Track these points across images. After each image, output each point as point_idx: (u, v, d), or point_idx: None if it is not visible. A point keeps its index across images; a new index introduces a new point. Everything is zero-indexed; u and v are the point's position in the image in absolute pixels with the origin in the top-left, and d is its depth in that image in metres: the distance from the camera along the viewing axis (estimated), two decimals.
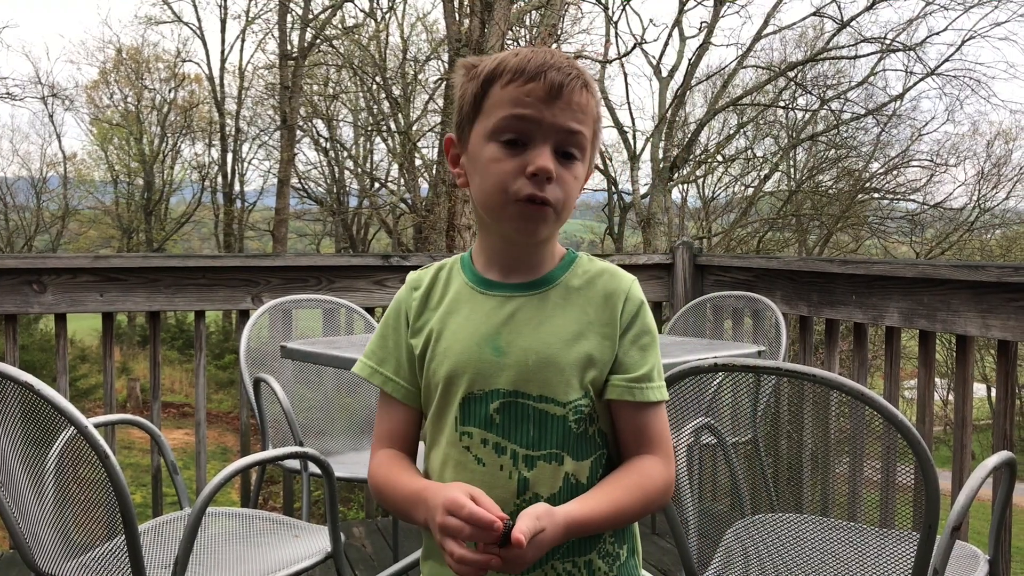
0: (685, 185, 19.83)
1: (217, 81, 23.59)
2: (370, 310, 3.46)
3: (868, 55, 17.73)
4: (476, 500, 1.05)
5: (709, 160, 18.50)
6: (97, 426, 1.69)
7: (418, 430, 1.28)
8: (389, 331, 1.28)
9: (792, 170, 20.47)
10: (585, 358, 1.18)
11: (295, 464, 2.69)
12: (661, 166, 15.84)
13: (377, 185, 20.70)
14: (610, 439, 1.23)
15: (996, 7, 16.80)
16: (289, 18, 18.88)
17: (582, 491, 1.18)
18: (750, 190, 19.83)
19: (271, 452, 1.98)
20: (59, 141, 33.16)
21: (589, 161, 1.22)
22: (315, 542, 2.09)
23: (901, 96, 18.32)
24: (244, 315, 3.33)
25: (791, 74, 17.62)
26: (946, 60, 17.50)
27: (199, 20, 28.41)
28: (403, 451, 1.26)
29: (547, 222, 1.18)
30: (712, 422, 1.87)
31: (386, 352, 1.27)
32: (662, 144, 16.24)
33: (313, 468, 2.45)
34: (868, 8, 16.58)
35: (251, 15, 21.59)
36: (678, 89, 16.57)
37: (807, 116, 18.92)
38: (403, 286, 1.30)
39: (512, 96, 1.15)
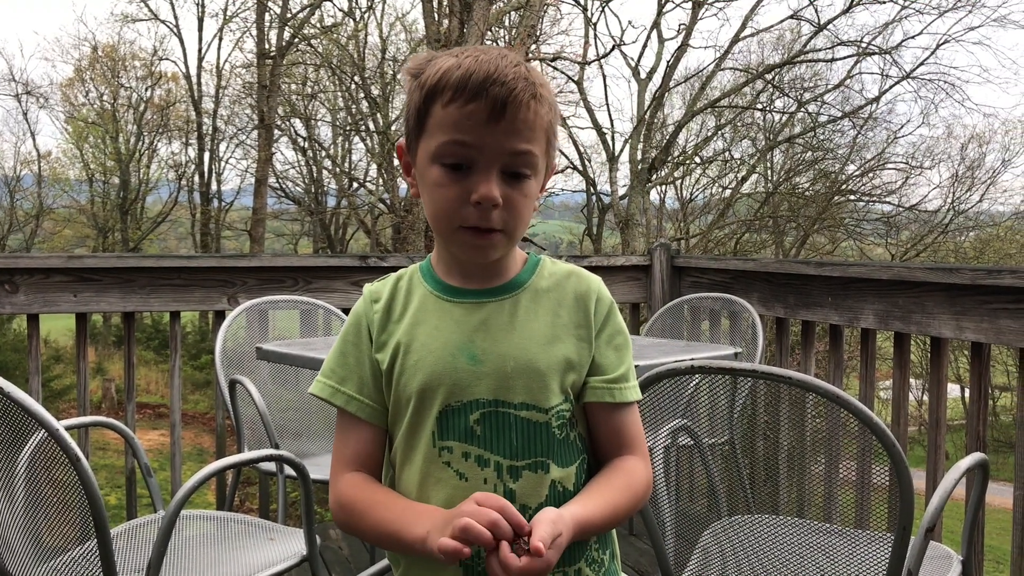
0: (663, 187, 19.93)
1: (194, 79, 23.43)
2: (347, 311, 3.45)
3: (844, 58, 17.88)
4: (482, 503, 1.04)
5: (687, 162, 18.59)
6: (69, 428, 1.67)
7: (383, 450, 1.21)
8: (349, 347, 1.21)
9: (769, 172, 20.61)
10: (564, 361, 1.15)
11: (271, 466, 2.67)
12: (639, 167, 15.89)
13: (355, 185, 20.63)
14: (588, 443, 1.21)
15: (970, 12, 16.99)
16: (267, 17, 18.79)
17: (570, 498, 1.15)
18: (728, 192, 19.93)
19: (245, 455, 1.96)
20: (33, 139, 32.78)
21: (545, 168, 1.16)
22: (290, 545, 2.08)
23: (877, 99, 18.49)
24: (220, 316, 3.31)
25: (768, 77, 17.72)
26: (921, 64, 17.68)
27: (176, 18, 28.25)
28: (370, 473, 1.19)
29: (497, 247, 1.14)
30: (689, 424, 1.88)
31: (347, 370, 1.20)
32: (640, 146, 16.29)
33: (289, 470, 2.43)
34: (844, 12, 16.73)
35: (229, 13, 21.45)
36: (656, 91, 16.63)
37: (784, 118, 19.04)
38: (360, 300, 1.24)
39: (452, 119, 1.08)
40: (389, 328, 1.20)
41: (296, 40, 17.71)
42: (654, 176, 16.32)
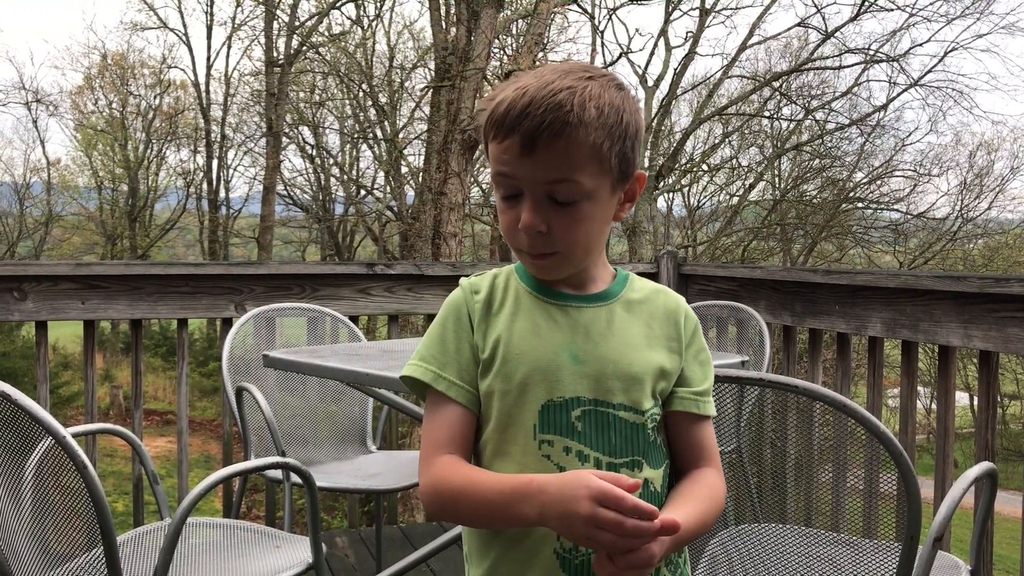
0: (671, 194, 19.89)
1: (203, 87, 23.52)
2: (354, 319, 3.45)
3: (852, 66, 17.87)
4: (611, 483, 1.02)
5: (694, 169, 18.60)
6: (76, 436, 1.68)
7: (474, 436, 1.22)
8: (449, 333, 1.22)
9: (777, 179, 20.57)
10: (658, 369, 1.20)
11: (277, 474, 2.67)
12: (647, 175, 15.88)
13: (363, 192, 20.69)
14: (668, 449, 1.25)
15: (978, 19, 16.93)
16: (275, 25, 18.86)
17: (658, 499, 1.19)
18: (735, 199, 19.91)
19: (252, 463, 1.97)
20: (43, 147, 32.96)
21: (614, 184, 1.17)
22: (296, 553, 2.07)
23: (885, 106, 18.44)
24: (227, 323, 3.31)
25: (776, 84, 17.72)
26: (929, 71, 17.64)
27: (185, 26, 28.23)
28: (464, 457, 1.20)
29: (556, 267, 1.19)
30: None
31: (447, 356, 1.21)
32: (648, 153, 16.29)
33: (295, 478, 2.43)
34: (852, 19, 16.71)
35: (237, 22, 21.52)
36: (664, 98, 16.66)
37: (792, 126, 19.03)
38: (458, 290, 1.25)
39: (495, 154, 1.15)
40: (489, 320, 1.22)
41: (304, 48, 17.78)
42: (661, 183, 16.32)
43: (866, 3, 15.97)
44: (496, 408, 1.18)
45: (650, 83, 17.09)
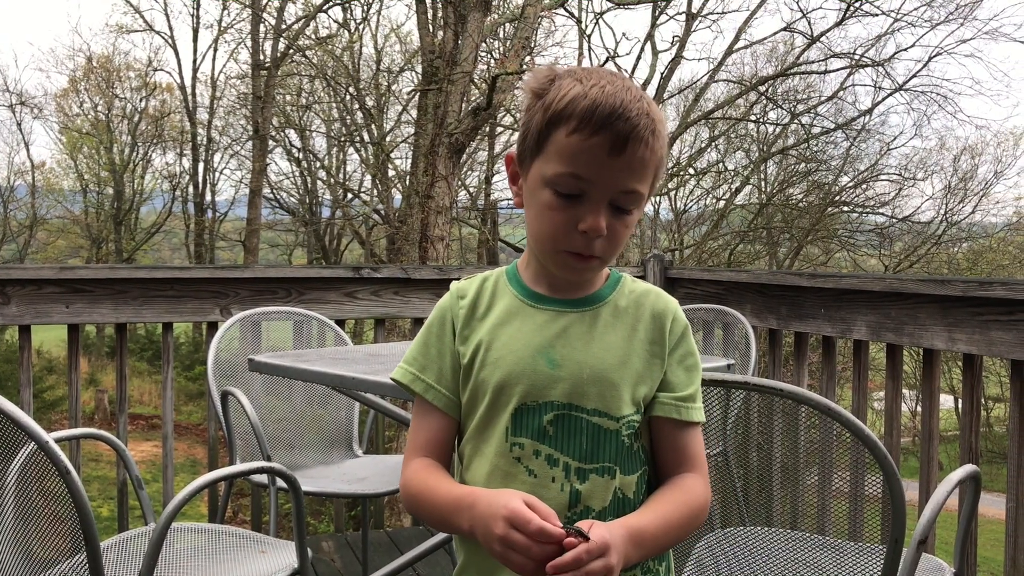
0: (657, 197, 19.94)
1: (189, 90, 23.44)
2: (340, 322, 3.44)
3: (838, 70, 17.97)
4: (532, 507, 1.04)
5: (681, 173, 18.62)
6: (60, 440, 1.66)
7: (453, 440, 1.26)
8: (432, 338, 1.25)
9: (763, 183, 20.63)
10: (637, 375, 1.20)
11: (263, 479, 2.66)
12: None
13: (350, 196, 20.63)
14: (649, 456, 1.24)
15: (962, 25, 17.05)
16: (262, 28, 18.80)
17: (629, 505, 1.19)
18: (721, 203, 19.97)
19: (237, 467, 1.96)
20: (27, 149, 32.75)
21: (647, 197, 1.19)
22: (282, 558, 2.07)
23: (870, 111, 18.55)
24: (213, 327, 3.30)
25: (762, 88, 17.78)
26: (914, 76, 17.74)
27: (171, 29, 28.20)
28: (439, 461, 1.24)
29: (592, 271, 1.20)
30: None
31: (428, 359, 1.24)
32: None
33: (281, 482, 2.42)
34: (837, 24, 16.80)
35: (224, 25, 21.44)
36: None
37: (778, 130, 19.10)
38: (447, 295, 1.28)
39: (573, 149, 1.11)
40: (472, 324, 1.24)
41: (291, 51, 17.72)
42: None
43: (851, 8, 16.06)
44: (475, 410, 1.21)
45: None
